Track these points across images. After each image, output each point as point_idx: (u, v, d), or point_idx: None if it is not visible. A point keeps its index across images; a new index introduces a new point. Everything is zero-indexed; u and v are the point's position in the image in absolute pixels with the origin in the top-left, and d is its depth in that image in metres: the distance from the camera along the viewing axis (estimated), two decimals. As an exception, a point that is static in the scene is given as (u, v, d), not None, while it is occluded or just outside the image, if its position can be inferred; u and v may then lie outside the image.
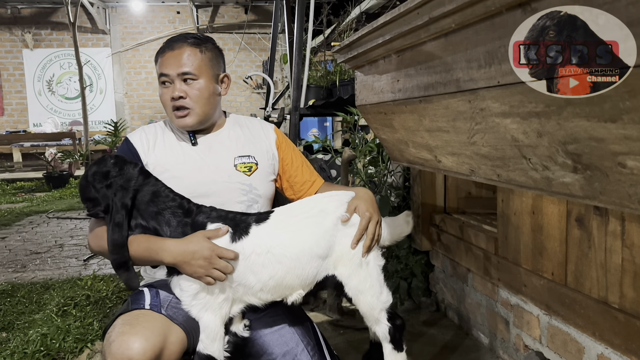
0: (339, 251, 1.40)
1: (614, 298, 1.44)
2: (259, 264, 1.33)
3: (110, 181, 1.36)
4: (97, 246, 1.45)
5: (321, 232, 1.39)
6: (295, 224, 1.40)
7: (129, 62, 11.33)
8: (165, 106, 1.56)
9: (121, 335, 1.22)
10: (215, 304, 1.32)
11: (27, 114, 11.11)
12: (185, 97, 1.52)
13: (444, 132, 1.60)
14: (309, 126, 9.35)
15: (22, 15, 10.85)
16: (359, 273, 1.41)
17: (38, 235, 4.89)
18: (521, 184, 1.34)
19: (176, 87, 1.52)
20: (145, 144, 1.58)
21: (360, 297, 1.42)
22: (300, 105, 4.30)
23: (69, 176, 8.30)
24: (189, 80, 1.52)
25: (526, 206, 1.84)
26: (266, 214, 1.42)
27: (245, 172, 1.59)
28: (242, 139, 1.66)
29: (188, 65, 1.51)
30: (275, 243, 1.35)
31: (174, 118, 1.55)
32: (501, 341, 2.08)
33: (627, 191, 0.99)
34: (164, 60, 1.53)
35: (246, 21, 11.04)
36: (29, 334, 2.43)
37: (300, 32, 4.34)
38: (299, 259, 1.35)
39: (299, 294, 1.40)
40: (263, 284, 1.34)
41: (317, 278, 1.40)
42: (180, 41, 1.54)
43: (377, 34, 1.67)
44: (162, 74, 1.53)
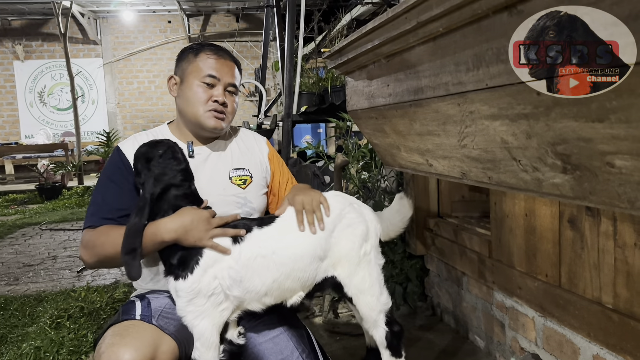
0: (337, 252, 1.41)
1: (608, 298, 1.44)
2: (264, 266, 1.33)
3: (151, 166, 1.38)
4: (93, 255, 1.42)
5: (324, 234, 1.39)
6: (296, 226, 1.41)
7: (121, 72, 11.33)
8: (197, 104, 1.55)
9: (111, 347, 1.21)
10: (215, 312, 1.31)
11: (19, 125, 11.07)
12: (227, 106, 1.58)
13: (434, 135, 1.60)
14: (302, 133, 9.36)
15: (12, 27, 10.83)
16: (358, 272, 1.42)
17: (31, 247, 4.85)
18: (512, 185, 1.35)
19: (221, 93, 1.56)
20: None
21: (360, 297, 1.42)
22: (292, 112, 4.30)
23: (62, 187, 8.25)
24: (231, 93, 1.59)
25: (519, 208, 1.84)
26: (269, 218, 1.43)
27: (240, 185, 1.59)
28: (236, 151, 1.66)
29: (236, 79, 1.61)
30: (280, 245, 1.35)
31: (209, 117, 1.55)
32: (497, 344, 2.08)
33: (617, 190, 1.00)
34: (212, 62, 1.56)
35: (237, 29, 11.07)
36: (22, 348, 2.41)
37: (291, 40, 4.36)
38: (303, 259, 1.36)
39: (299, 295, 1.40)
40: (268, 287, 1.34)
41: (316, 279, 1.40)
42: (226, 54, 1.62)
43: (366, 39, 1.68)
44: (211, 75, 1.54)
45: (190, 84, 1.55)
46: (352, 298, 1.42)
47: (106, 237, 1.39)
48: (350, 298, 1.42)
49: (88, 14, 10.64)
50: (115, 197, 1.49)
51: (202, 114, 1.54)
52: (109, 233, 1.40)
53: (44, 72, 11.06)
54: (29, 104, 11.06)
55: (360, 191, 2.98)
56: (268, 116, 5.45)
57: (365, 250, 1.44)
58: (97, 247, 1.39)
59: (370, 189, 2.98)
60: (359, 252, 1.42)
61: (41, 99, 11.10)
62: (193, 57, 1.58)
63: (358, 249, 1.41)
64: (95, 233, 1.43)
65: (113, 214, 1.46)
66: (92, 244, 1.41)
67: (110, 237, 1.38)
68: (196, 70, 1.55)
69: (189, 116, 1.57)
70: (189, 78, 1.56)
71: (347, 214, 1.45)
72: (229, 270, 1.31)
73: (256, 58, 10.98)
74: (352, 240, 1.42)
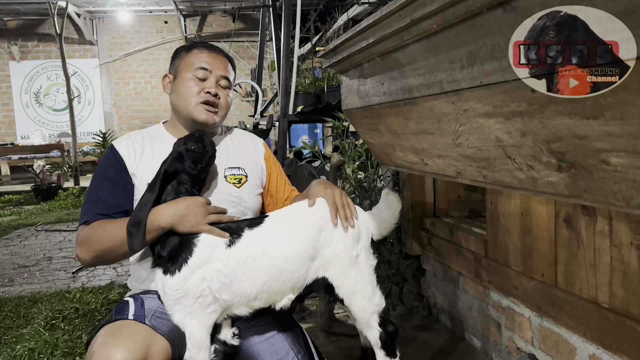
0: (328, 253, 1.38)
1: (604, 298, 1.44)
2: (254, 268, 1.31)
3: (182, 150, 1.41)
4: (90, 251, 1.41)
5: (313, 233, 1.37)
6: (289, 226, 1.39)
7: (117, 72, 11.30)
8: (189, 96, 1.54)
9: (103, 346, 1.19)
10: (203, 314, 1.29)
11: (15, 126, 11.04)
12: (219, 98, 1.57)
13: (429, 134, 1.59)
14: (299, 133, 9.34)
15: (8, 27, 10.80)
16: (350, 274, 1.39)
17: (26, 248, 4.83)
18: (507, 184, 1.34)
19: (213, 85, 1.56)
20: (132, 152, 1.55)
21: (352, 298, 1.40)
22: (288, 112, 4.29)
23: (58, 188, 8.23)
24: (224, 87, 1.59)
25: (515, 208, 1.83)
26: (260, 219, 1.41)
27: (235, 184, 1.58)
28: (232, 150, 1.66)
29: (229, 74, 1.61)
30: (269, 245, 1.33)
31: (200, 110, 1.54)
32: (494, 344, 2.07)
33: (612, 188, 0.99)
34: (204, 56, 1.57)
35: (234, 30, 11.06)
36: (17, 349, 2.39)
37: (287, 40, 4.35)
38: (293, 260, 1.33)
39: (288, 298, 1.38)
40: (258, 290, 1.32)
41: (307, 281, 1.38)
42: (219, 50, 1.63)
43: (360, 38, 1.67)
44: (201, 67, 1.55)
45: (182, 78, 1.56)
46: (343, 300, 1.40)
47: (102, 230, 1.39)
48: (342, 300, 1.41)
49: (84, 14, 10.61)
50: (109, 194, 1.49)
51: (194, 107, 1.54)
52: (104, 226, 1.40)
53: (39, 73, 11.02)
54: (25, 105, 11.02)
55: (357, 191, 2.97)
56: (264, 116, 5.43)
57: (357, 251, 1.42)
58: (94, 241, 1.39)
59: (366, 188, 2.97)
60: (350, 253, 1.39)
61: (37, 99, 11.07)
62: (185, 54, 1.59)
63: (350, 250, 1.40)
64: (90, 228, 1.42)
65: (107, 210, 1.46)
66: (87, 240, 1.41)
67: (106, 229, 1.38)
68: (188, 65, 1.56)
69: (181, 110, 1.57)
70: (182, 73, 1.56)
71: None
72: (217, 274, 1.29)
73: (252, 58, 10.98)
74: (344, 241, 1.40)
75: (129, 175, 1.51)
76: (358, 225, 1.44)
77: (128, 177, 1.51)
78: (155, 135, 1.62)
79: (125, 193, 1.49)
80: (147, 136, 1.61)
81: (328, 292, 1.42)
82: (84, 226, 1.45)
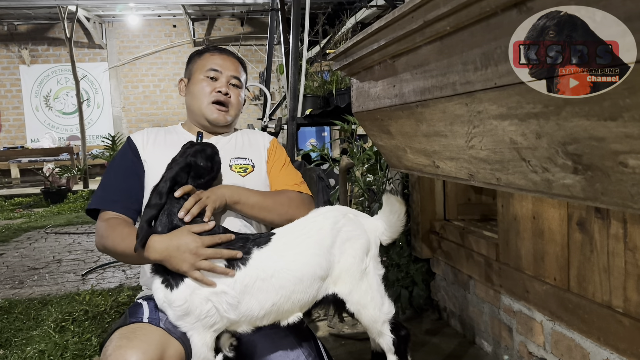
0: (338, 269, 1.35)
1: (618, 302, 1.42)
2: (263, 290, 1.27)
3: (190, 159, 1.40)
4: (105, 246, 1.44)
5: (322, 252, 1.33)
6: (296, 246, 1.34)
7: (126, 76, 11.37)
8: (201, 97, 1.63)
9: (118, 349, 1.19)
10: (206, 333, 1.27)
11: (25, 129, 11.12)
12: (230, 98, 1.65)
13: (441, 136, 1.58)
14: (307, 136, 9.35)
15: (18, 31, 10.89)
16: (360, 287, 1.36)
17: (36, 251, 4.86)
18: (521, 187, 1.32)
19: (224, 84, 1.64)
20: (145, 140, 1.64)
21: (362, 311, 1.37)
22: (297, 115, 4.29)
23: (67, 191, 8.27)
24: (235, 87, 1.67)
25: (526, 211, 1.82)
26: (267, 237, 1.36)
27: (240, 173, 1.59)
28: (240, 143, 1.71)
29: (240, 74, 1.69)
30: (279, 267, 1.29)
31: (211, 110, 1.63)
32: (505, 349, 2.05)
33: (629, 191, 0.97)
34: (215, 58, 1.66)
35: (242, 33, 11.09)
36: (27, 351, 2.40)
37: (296, 43, 4.35)
38: (302, 281, 1.30)
39: (297, 316, 1.34)
40: (266, 311, 1.29)
41: (316, 298, 1.35)
42: (230, 52, 1.71)
43: (372, 40, 1.66)
44: (213, 69, 1.64)
45: (195, 80, 1.66)
46: (354, 313, 1.38)
47: (121, 239, 1.40)
48: (352, 313, 1.38)
49: (94, 19, 10.69)
50: (121, 179, 1.57)
51: (206, 106, 1.63)
52: (122, 233, 1.42)
53: (49, 77, 11.11)
54: (35, 108, 11.11)
55: (366, 194, 2.96)
56: (273, 119, 5.43)
57: (366, 263, 1.39)
58: (109, 241, 1.43)
59: (375, 192, 2.96)
60: (360, 266, 1.36)
61: (47, 103, 11.15)
62: (198, 57, 1.70)
63: (360, 262, 1.36)
64: (108, 227, 1.45)
65: (118, 195, 1.53)
66: (105, 236, 1.45)
67: (125, 240, 1.38)
68: (200, 67, 1.66)
69: (195, 111, 1.66)
70: (195, 75, 1.67)
71: (343, 227, 1.38)
72: (224, 296, 1.25)
73: (261, 62, 11.00)
74: (353, 255, 1.36)
75: (141, 162, 1.59)
76: (366, 235, 1.41)
77: (140, 163, 1.59)
78: (172, 132, 1.71)
79: (138, 180, 1.56)
80: (163, 130, 1.72)
81: (337, 307, 1.40)
82: (101, 221, 1.49)
